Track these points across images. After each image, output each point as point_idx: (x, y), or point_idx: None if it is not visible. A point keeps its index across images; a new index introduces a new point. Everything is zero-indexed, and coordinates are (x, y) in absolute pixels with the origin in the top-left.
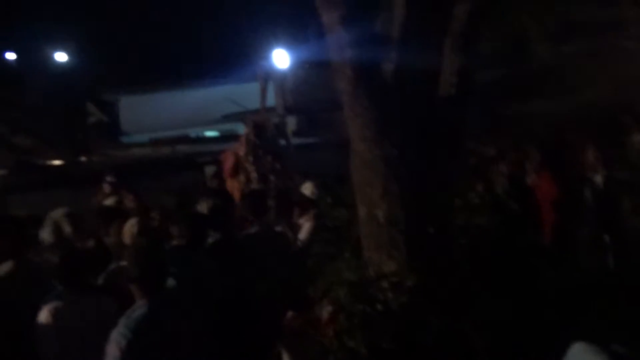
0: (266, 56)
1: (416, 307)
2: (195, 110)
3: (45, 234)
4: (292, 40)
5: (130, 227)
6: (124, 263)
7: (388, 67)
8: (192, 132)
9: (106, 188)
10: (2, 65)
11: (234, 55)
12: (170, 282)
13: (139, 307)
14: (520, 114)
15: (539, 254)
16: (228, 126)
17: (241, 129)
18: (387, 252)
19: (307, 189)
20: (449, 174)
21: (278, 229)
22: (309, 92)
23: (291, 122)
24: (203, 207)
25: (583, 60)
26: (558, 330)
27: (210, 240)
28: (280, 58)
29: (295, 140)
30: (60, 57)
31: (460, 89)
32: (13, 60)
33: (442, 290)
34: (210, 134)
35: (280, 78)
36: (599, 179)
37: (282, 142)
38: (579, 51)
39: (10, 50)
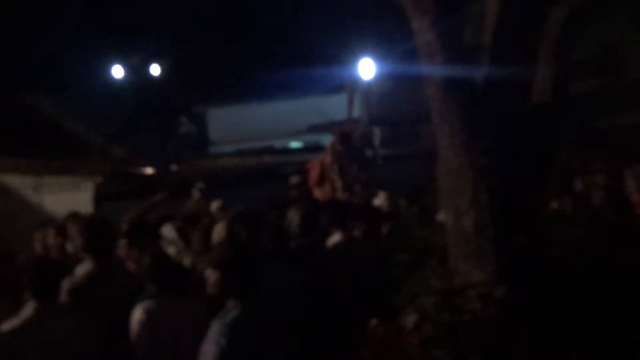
0: (352, 67)
1: (506, 319)
2: (281, 121)
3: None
4: (377, 50)
5: (218, 231)
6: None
7: (479, 74)
8: (278, 143)
9: (196, 196)
10: (103, 80)
11: (319, 67)
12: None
13: (232, 310)
14: (615, 127)
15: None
16: (313, 137)
17: (325, 140)
18: (475, 262)
19: (381, 198)
20: (540, 183)
21: (360, 237)
22: (394, 103)
23: (376, 133)
24: (293, 216)
25: None
26: None
27: (295, 248)
28: (366, 68)
29: (380, 152)
30: (154, 70)
31: (554, 98)
32: (114, 76)
33: (534, 303)
34: (295, 145)
35: (365, 89)
36: None
37: (369, 152)
38: None
39: (112, 65)
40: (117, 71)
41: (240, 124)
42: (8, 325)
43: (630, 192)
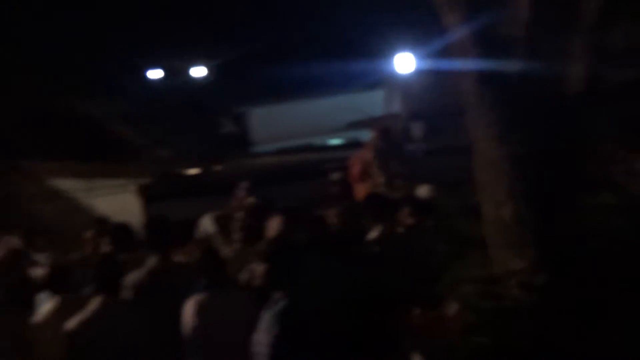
0: (389, 61)
1: (547, 306)
2: (320, 119)
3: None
4: (415, 44)
5: (272, 226)
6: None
7: (513, 66)
8: (318, 141)
9: (240, 194)
10: (147, 82)
11: (358, 63)
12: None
13: (280, 300)
14: None
15: None
16: (352, 134)
17: (365, 136)
18: (514, 251)
19: (423, 191)
20: (577, 173)
21: (400, 230)
22: (433, 97)
23: (416, 127)
24: (333, 212)
25: None
26: None
27: (338, 241)
28: (404, 63)
29: (420, 146)
30: (197, 72)
31: (590, 88)
32: (158, 78)
33: (576, 291)
34: (334, 141)
35: (404, 83)
36: None
37: (409, 147)
38: None
39: (155, 67)
40: (158, 74)
41: (281, 123)
42: (75, 320)
43: None
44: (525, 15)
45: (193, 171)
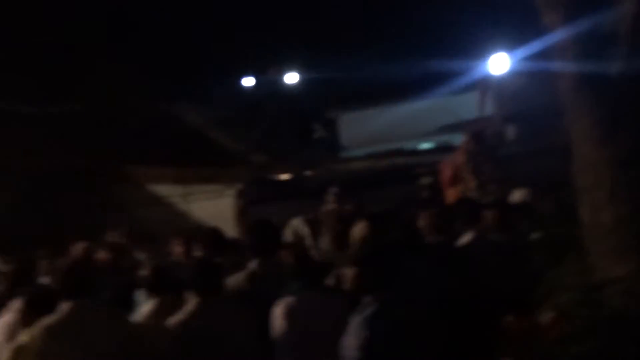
0: (483, 62)
1: None
2: (411, 122)
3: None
4: (510, 44)
5: (359, 230)
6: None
7: (616, 66)
8: (408, 145)
9: (331, 199)
10: (242, 90)
11: (449, 64)
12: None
13: (369, 304)
14: None
15: None
16: (444, 137)
17: (457, 139)
18: (616, 257)
19: (520, 195)
20: None
21: (495, 237)
22: (528, 98)
23: (510, 130)
24: (424, 217)
25: None
26: None
27: (430, 246)
28: (498, 63)
29: (516, 148)
30: (290, 78)
31: None
32: (251, 86)
33: None
34: (425, 145)
35: (498, 85)
36: None
37: (503, 150)
38: None
39: (249, 75)
40: (251, 82)
41: (371, 127)
42: (175, 319)
43: None
44: (630, 11)
45: (285, 176)
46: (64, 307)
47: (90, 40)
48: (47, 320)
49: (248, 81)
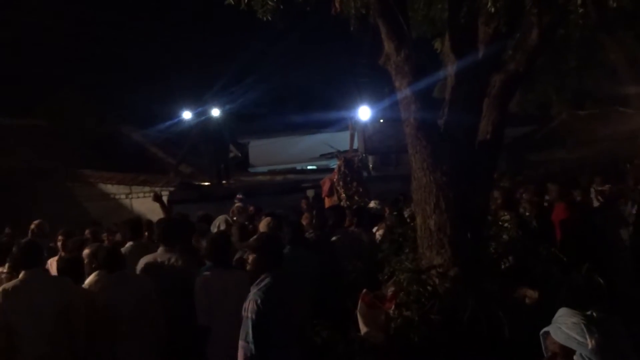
0: (353, 111)
1: (457, 291)
2: (301, 150)
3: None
4: (371, 99)
5: (263, 223)
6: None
7: (441, 119)
8: (298, 166)
9: (237, 202)
10: (180, 121)
11: (329, 112)
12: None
13: (265, 279)
14: (543, 160)
15: (554, 261)
16: (324, 162)
17: (333, 163)
18: (436, 251)
19: (374, 204)
20: (484, 197)
21: (355, 232)
22: (382, 138)
23: (370, 160)
24: (305, 218)
25: (592, 121)
26: None
27: (310, 238)
28: (363, 113)
29: (373, 173)
30: (214, 112)
31: (494, 137)
32: (188, 119)
33: (477, 279)
34: (310, 167)
35: (362, 128)
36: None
37: (365, 173)
38: (589, 114)
39: (184, 108)
40: (187, 114)
41: (272, 152)
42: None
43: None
44: (451, 83)
45: (206, 183)
46: (21, 274)
47: (60, 68)
48: (8, 284)
49: (186, 114)
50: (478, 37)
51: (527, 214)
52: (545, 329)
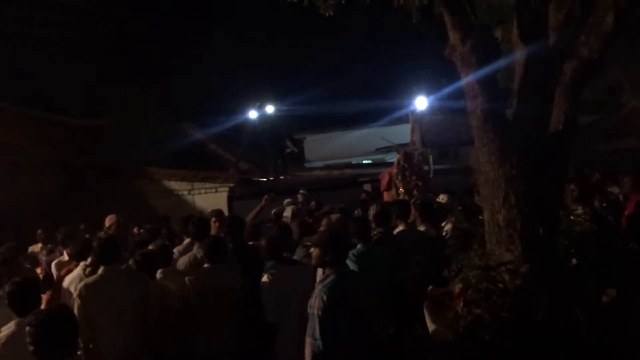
0: (409, 103)
1: (529, 288)
2: (357, 144)
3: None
4: (430, 89)
5: (335, 219)
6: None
7: (509, 110)
8: (354, 160)
9: (300, 197)
10: (243, 118)
11: (384, 104)
12: (350, 264)
13: (330, 275)
14: (612, 150)
15: (631, 255)
16: (379, 156)
17: (389, 157)
18: (506, 247)
19: (442, 198)
20: (555, 190)
21: (421, 228)
22: (440, 131)
23: (431, 153)
24: (371, 211)
25: None
26: None
27: (374, 234)
28: (420, 104)
29: (434, 167)
30: (269, 109)
31: (567, 128)
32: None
33: (550, 276)
34: (366, 161)
35: (419, 120)
36: None
37: (426, 167)
38: None
39: (248, 107)
40: (253, 114)
41: (328, 146)
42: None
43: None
44: (520, 72)
45: (264, 179)
46: (100, 269)
47: (123, 69)
48: (89, 278)
49: (252, 114)
50: (548, 23)
51: (600, 206)
52: None
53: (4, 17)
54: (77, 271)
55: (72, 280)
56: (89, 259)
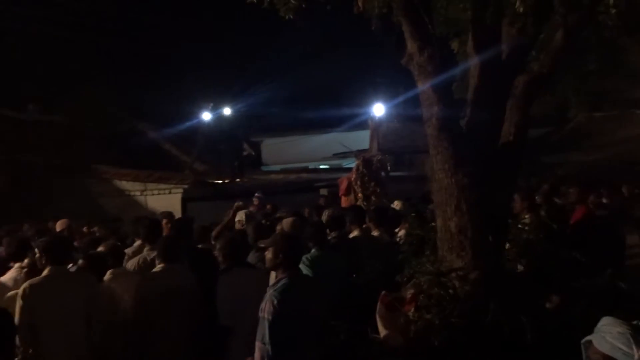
0: (367, 110)
1: (477, 294)
2: (314, 149)
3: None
4: (386, 97)
5: (290, 222)
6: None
7: (463, 119)
8: (311, 165)
9: (255, 200)
10: (197, 120)
11: (342, 110)
12: (304, 268)
13: (282, 279)
14: (558, 162)
15: (575, 263)
16: (336, 161)
17: (346, 163)
18: (456, 253)
19: (397, 205)
20: (505, 199)
21: (375, 233)
22: (396, 139)
23: (388, 160)
24: (324, 216)
25: (609, 123)
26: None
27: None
28: (378, 111)
29: (391, 173)
30: (226, 111)
31: (517, 139)
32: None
33: (498, 283)
34: (323, 166)
35: (376, 126)
36: None
37: (383, 173)
38: (606, 116)
39: (202, 109)
40: (206, 115)
41: (286, 150)
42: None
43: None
44: (474, 83)
45: (220, 181)
46: (46, 270)
47: (78, 65)
48: (34, 279)
49: (205, 115)
50: (502, 37)
51: (546, 215)
52: (588, 337)
53: None
54: (12, 273)
55: (6, 283)
56: (26, 260)
